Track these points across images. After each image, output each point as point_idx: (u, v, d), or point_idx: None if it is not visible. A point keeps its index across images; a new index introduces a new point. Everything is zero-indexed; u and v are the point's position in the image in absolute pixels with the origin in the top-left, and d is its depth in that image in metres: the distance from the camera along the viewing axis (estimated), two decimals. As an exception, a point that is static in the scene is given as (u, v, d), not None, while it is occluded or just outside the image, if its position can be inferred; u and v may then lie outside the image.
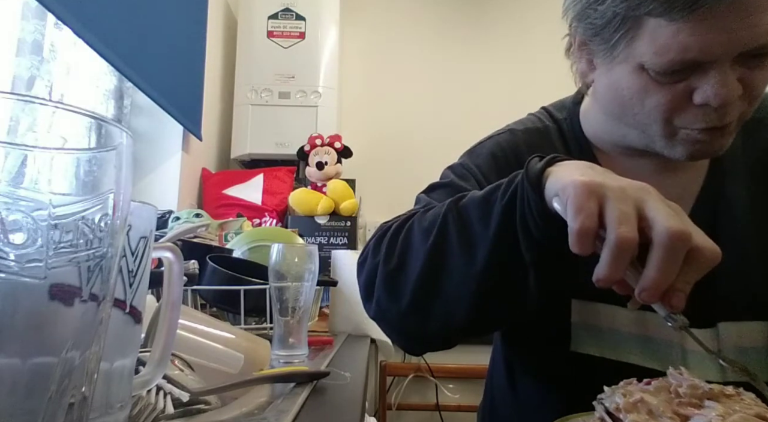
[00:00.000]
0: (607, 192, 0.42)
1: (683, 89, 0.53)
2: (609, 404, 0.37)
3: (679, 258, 0.39)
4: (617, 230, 0.40)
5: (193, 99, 1.86)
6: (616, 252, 0.40)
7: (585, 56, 0.61)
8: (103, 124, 0.23)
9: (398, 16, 2.71)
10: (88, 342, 0.23)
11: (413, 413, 2.17)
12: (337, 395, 0.63)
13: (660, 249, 0.39)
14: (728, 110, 0.52)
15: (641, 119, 0.57)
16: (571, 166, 0.47)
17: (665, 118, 0.55)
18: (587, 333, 0.62)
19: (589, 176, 0.43)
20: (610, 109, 0.61)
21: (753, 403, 0.35)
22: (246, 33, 2.24)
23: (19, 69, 1.19)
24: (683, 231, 0.39)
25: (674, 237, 0.39)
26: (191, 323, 0.65)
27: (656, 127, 0.56)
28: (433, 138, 2.52)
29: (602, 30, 0.55)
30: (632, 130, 0.59)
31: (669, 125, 0.55)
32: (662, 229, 0.39)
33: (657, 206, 0.41)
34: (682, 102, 0.53)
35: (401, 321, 0.59)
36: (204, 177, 2.08)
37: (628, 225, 0.40)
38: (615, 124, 0.62)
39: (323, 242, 1.94)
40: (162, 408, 0.46)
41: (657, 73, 0.52)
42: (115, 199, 0.24)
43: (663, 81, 0.53)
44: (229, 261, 1.09)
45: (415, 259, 0.56)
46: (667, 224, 0.39)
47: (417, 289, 0.56)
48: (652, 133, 0.57)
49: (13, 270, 0.20)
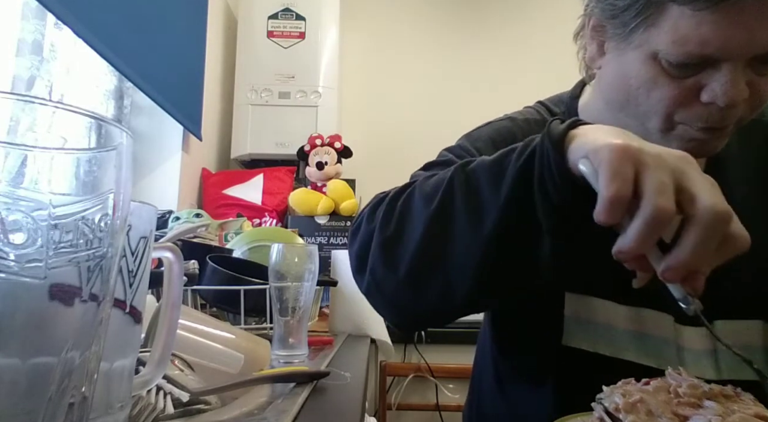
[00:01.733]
0: (646, 158, 0.39)
1: (692, 85, 0.52)
2: (608, 404, 0.37)
3: (716, 239, 0.37)
4: (656, 200, 0.37)
5: (193, 99, 1.86)
6: (651, 224, 0.37)
7: (597, 40, 0.59)
8: (103, 124, 0.24)
9: (398, 16, 2.71)
10: (88, 342, 0.23)
11: (413, 413, 2.17)
12: (337, 395, 0.63)
13: (699, 228, 0.37)
14: (732, 112, 0.51)
15: (643, 110, 0.55)
16: (602, 129, 0.44)
17: (668, 112, 0.54)
18: (580, 328, 0.61)
19: (624, 140, 0.40)
20: (614, 97, 0.59)
21: (752, 403, 0.35)
22: (246, 33, 2.24)
23: (19, 69, 1.19)
24: (727, 212, 0.37)
25: (718, 218, 0.37)
26: (191, 323, 0.65)
27: (656, 119, 0.55)
28: (434, 138, 2.51)
29: (622, 12, 0.53)
30: (632, 121, 0.57)
31: (669, 120, 0.54)
32: (706, 207, 0.37)
33: (699, 180, 0.39)
34: (688, 98, 0.53)
35: (397, 293, 0.55)
36: (204, 177, 2.08)
37: (666, 195, 0.37)
38: (615, 115, 0.60)
39: (323, 242, 1.94)
40: (162, 408, 0.46)
41: (670, 64, 0.51)
42: (115, 199, 0.24)
43: (674, 73, 0.52)
44: (229, 261, 1.09)
45: (416, 225, 0.52)
46: (711, 202, 0.37)
47: (417, 257, 0.52)
48: (651, 125, 0.56)
49: (13, 270, 0.20)
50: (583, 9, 0.60)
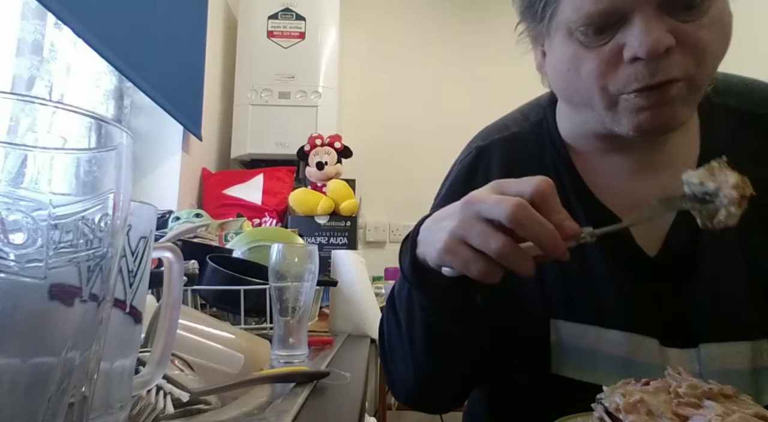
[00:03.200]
0: (456, 236, 0.45)
1: (611, 49, 0.50)
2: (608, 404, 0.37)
3: (535, 219, 0.41)
4: (489, 250, 0.42)
5: (193, 99, 1.86)
6: (507, 259, 0.43)
7: (539, 46, 0.59)
8: (103, 124, 0.24)
9: (398, 16, 2.71)
10: (88, 342, 0.23)
11: (413, 413, 2.17)
12: (337, 395, 0.63)
13: (521, 230, 0.42)
14: (661, 64, 0.48)
15: (583, 93, 0.54)
16: (424, 234, 0.51)
17: (600, 86, 0.51)
18: (566, 355, 0.59)
19: (435, 240, 0.47)
20: (558, 90, 0.59)
21: (752, 403, 0.35)
22: (246, 33, 2.24)
23: (19, 69, 1.19)
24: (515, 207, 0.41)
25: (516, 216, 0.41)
26: (191, 323, 0.65)
27: (596, 98, 0.52)
28: (433, 138, 2.52)
29: (532, 5, 0.54)
30: (585, 110, 0.56)
31: (606, 93, 0.52)
32: (504, 219, 0.42)
33: (485, 205, 0.43)
34: (612, 63, 0.50)
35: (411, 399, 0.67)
36: (204, 177, 2.08)
37: (489, 240, 0.42)
38: (572, 110, 0.59)
39: (323, 242, 1.94)
40: (162, 408, 0.46)
41: (582, 33, 0.50)
42: (115, 199, 0.24)
43: (589, 43, 0.50)
44: (229, 261, 1.09)
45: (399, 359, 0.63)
46: (501, 210, 0.42)
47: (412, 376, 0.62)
48: (597, 106, 0.53)
49: (13, 270, 0.20)
50: (518, 18, 0.60)
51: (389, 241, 2.57)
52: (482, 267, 0.43)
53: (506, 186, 0.44)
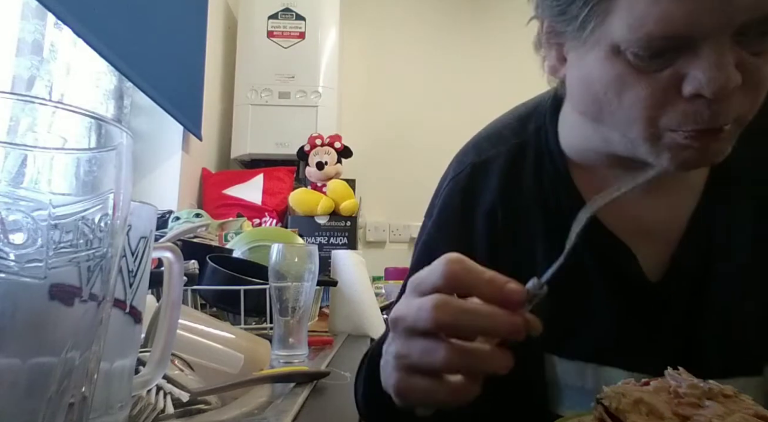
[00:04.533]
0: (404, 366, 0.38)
1: (669, 78, 0.42)
2: (608, 404, 0.37)
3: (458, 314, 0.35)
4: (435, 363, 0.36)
5: (193, 99, 1.86)
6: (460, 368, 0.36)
7: (555, 46, 0.51)
8: (103, 124, 0.24)
9: (398, 16, 2.71)
10: (88, 342, 0.23)
11: (413, 413, 2.16)
12: (337, 395, 0.63)
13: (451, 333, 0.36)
14: (725, 105, 0.41)
15: (620, 118, 0.46)
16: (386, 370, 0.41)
17: (648, 117, 0.44)
18: (563, 395, 0.55)
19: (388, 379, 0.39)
20: (585, 108, 0.50)
21: (752, 403, 0.35)
22: (246, 33, 2.24)
23: (19, 69, 1.19)
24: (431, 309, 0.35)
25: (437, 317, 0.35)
26: (191, 323, 0.65)
27: (637, 128, 0.45)
28: (433, 138, 2.52)
29: (569, 6, 0.44)
30: (613, 133, 0.48)
31: (652, 126, 0.44)
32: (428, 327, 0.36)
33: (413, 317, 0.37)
34: (668, 95, 0.42)
35: None
36: (204, 177, 2.08)
37: (437, 350, 0.35)
38: (594, 127, 0.51)
39: (323, 242, 1.94)
40: (162, 408, 0.46)
41: (635, 55, 0.42)
42: (115, 199, 0.24)
43: (643, 67, 0.42)
44: (229, 261, 1.09)
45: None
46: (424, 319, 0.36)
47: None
48: (634, 135, 0.46)
49: (13, 270, 0.20)
50: (534, 13, 0.52)
51: (389, 241, 2.57)
52: (449, 391, 0.36)
53: (421, 282, 0.38)
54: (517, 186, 0.58)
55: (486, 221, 0.57)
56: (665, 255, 0.53)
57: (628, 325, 0.53)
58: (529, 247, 0.56)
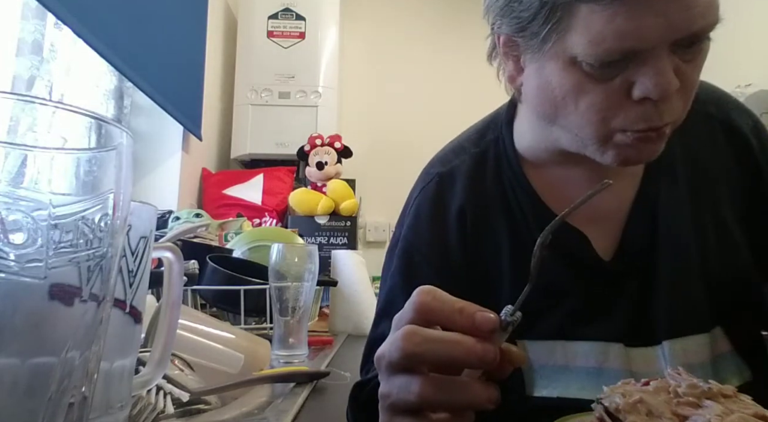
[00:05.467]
0: (386, 400, 0.36)
1: (620, 85, 0.48)
2: (608, 404, 0.37)
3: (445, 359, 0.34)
4: (410, 398, 0.35)
5: (193, 99, 1.86)
6: (443, 402, 0.35)
7: (512, 56, 0.56)
8: (103, 124, 0.24)
9: (398, 15, 2.71)
10: (88, 342, 0.23)
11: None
12: (337, 395, 0.63)
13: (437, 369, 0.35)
14: (668, 105, 0.48)
15: (574, 120, 0.52)
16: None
17: (601, 118, 0.50)
18: (539, 375, 0.58)
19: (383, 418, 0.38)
20: (542, 110, 0.56)
21: (751, 403, 0.35)
22: (246, 33, 2.24)
23: (19, 69, 1.19)
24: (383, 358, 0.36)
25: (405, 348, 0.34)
26: (191, 323, 0.65)
27: (590, 129, 0.51)
28: (433, 138, 2.51)
29: (530, 23, 0.50)
30: (566, 133, 0.54)
31: (604, 127, 0.50)
32: (397, 356, 0.35)
33: (389, 352, 0.36)
34: (618, 100, 0.49)
35: None
36: (204, 177, 2.08)
37: (413, 384, 0.34)
38: (547, 128, 0.57)
39: (323, 242, 1.94)
40: (162, 408, 0.46)
41: (591, 65, 0.48)
42: (115, 199, 0.24)
43: (597, 76, 0.48)
44: (229, 261, 1.09)
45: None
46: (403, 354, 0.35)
47: None
48: (585, 135, 0.52)
49: (13, 270, 0.20)
50: (490, 28, 0.57)
51: (389, 241, 2.57)
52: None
53: (398, 318, 0.37)
54: (481, 188, 0.63)
55: (457, 222, 0.62)
56: (615, 236, 0.60)
57: (589, 301, 0.58)
58: (496, 242, 0.61)
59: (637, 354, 0.57)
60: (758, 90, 1.71)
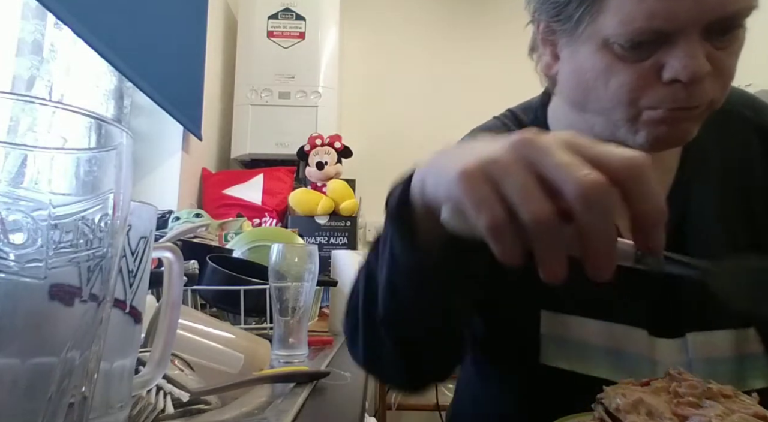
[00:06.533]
0: (491, 168, 0.33)
1: (650, 67, 0.50)
2: (608, 404, 0.37)
3: (609, 211, 0.30)
4: (527, 209, 0.31)
5: (193, 99, 1.86)
6: (542, 236, 0.31)
7: (549, 45, 0.58)
8: (103, 124, 0.24)
9: (398, 15, 2.71)
10: (88, 342, 0.23)
11: (413, 413, 2.17)
12: (337, 395, 0.63)
13: (583, 216, 0.31)
14: (698, 88, 0.49)
15: (605, 103, 0.53)
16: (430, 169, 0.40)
17: (630, 99, 0.51)
18: (556, 346, 0.60)
19: (457, 162, 0.34)
20: (575, 96, 0.58)
21: (751, 404, 0.35)
22: (246, 33, 2.24)
23: (19, 69, 1.19)
24: (595, 182, 0.30)
25: (590, 194, 0.30)
26: (191, 323, 0.65)
27: (620, 109, 0.52)
28: (434, 138, 2.51)
29: (566, 6, 0.52)
30: (598, 118, 0.56)
31: (633, 107, 0.52)
32: (572, 189, 0.30)
33: (552, 159, 0.31)
34: (649, 80, 0.50)
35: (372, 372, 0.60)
36: (204, 177, 2.08)
37: (533, 198, 0.31)
38: (580, 114, 0.59)
39: (323, 242, 1.94)
40: (162, 408, 0.46)
41: (622, 46, 0.50)
42: (115, 199, 0.24)
43: (628, 57, 0.50)
44: (229, 261, 1.09)
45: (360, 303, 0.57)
46: (578, 175, 0.30)
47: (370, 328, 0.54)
48: (616, 117, 0.53)
49: (13, 270, 0.20)
50: (531, 16, 0.59)
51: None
52: (497, 217, 0.31)
53: (585, 148, 0.32)
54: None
55: None
56: None
57: (614, 284, 0.58)
58: None
59: (661, 345, 0.58)
60: (758, 90, 1.71)
